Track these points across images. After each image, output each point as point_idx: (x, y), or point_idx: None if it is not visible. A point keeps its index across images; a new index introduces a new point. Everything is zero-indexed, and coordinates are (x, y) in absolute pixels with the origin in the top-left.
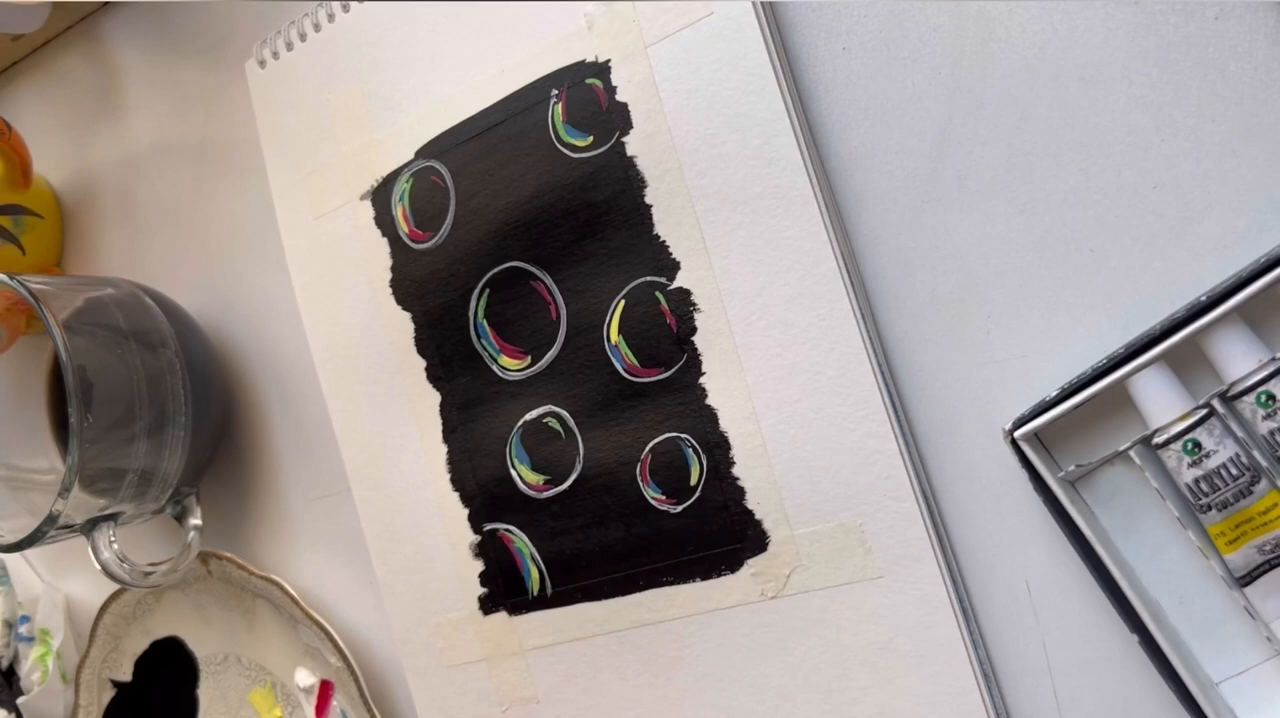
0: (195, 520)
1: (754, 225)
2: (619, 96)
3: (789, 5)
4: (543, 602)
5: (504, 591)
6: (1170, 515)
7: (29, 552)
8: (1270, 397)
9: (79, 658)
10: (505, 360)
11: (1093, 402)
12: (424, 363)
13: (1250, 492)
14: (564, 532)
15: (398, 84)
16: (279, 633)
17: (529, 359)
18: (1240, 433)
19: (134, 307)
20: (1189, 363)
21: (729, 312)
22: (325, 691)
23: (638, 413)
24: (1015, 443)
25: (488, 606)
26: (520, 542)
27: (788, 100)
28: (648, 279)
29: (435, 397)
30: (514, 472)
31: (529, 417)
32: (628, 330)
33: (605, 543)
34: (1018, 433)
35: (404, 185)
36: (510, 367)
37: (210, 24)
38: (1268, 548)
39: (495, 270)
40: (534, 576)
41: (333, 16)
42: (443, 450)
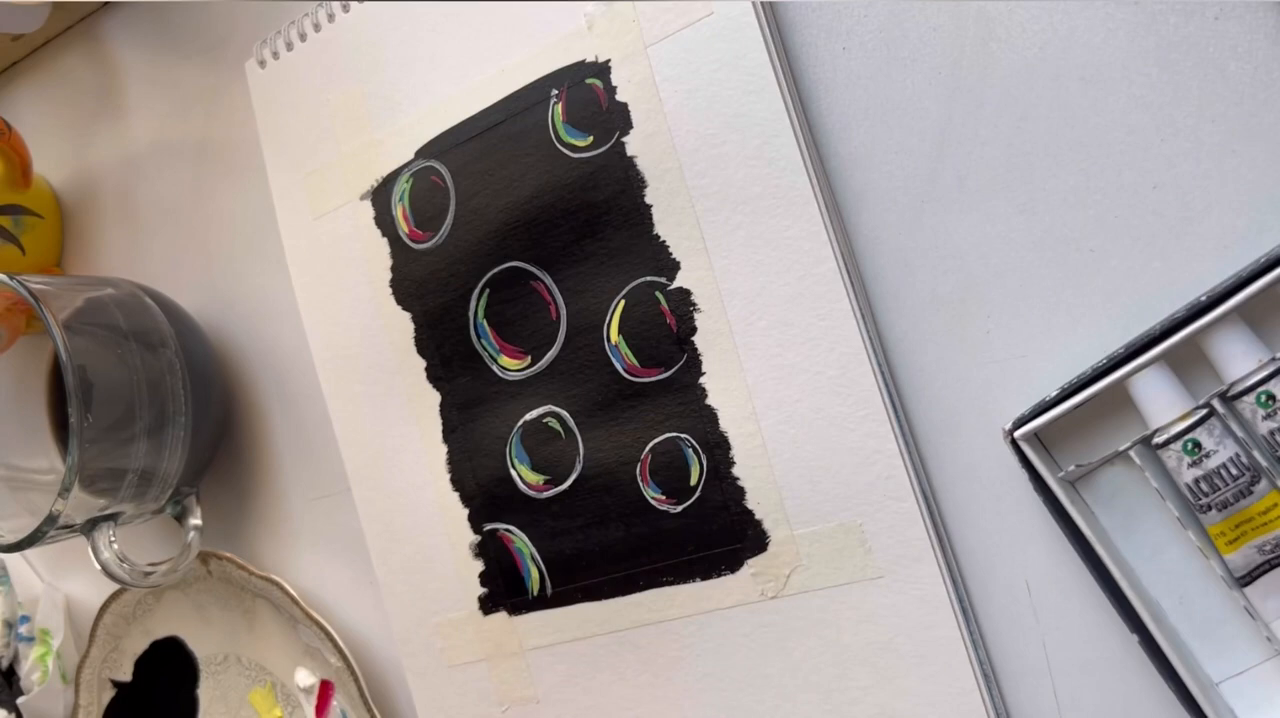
0: (195, 521)
1: (754, 225)
2: (619, 96)
3: (789, 5)
4: (543, 602)
5: (504, 591)
6: (1170, 515)
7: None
8: (1270, 397)
9: (79, 658)
10: (505, 360)
11: (1093, 402)
12: (424, 363)
13: (1250, 492)
14: (564, 532)
15: (398, 84)
16: (279, 633)
17: (529, 359)
18: (1240, 433)
19: (134, 307)
20: (1189, 363)
21: (729, 312)
22: (325, 691)
23: (638, 413)
24: (1015, 443)
25: (488, 606)
26: (520, 542)
27: (788, 100)
28: (648, 279)
29: (435, 397)
30: (514, 472)
31: (529, 417)
32: (628, 330)
33: (605, 543)
34: (1018, 433)
35: (404, 185)
36: (510, 367)
37: (210, 24)
38: (1268, 548)
39: (495, 270)
40: (534, 576)
41: (333, 16)
42: (443, 450)
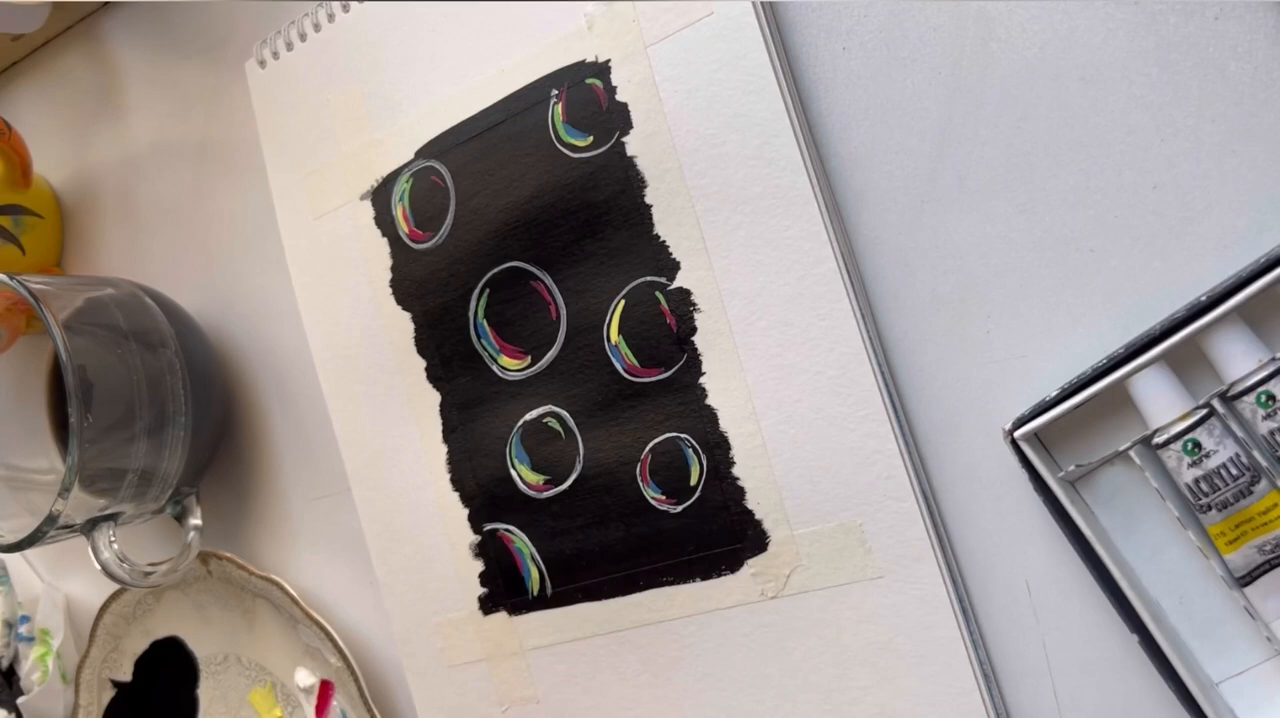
0: (195, 521)
1: (754, 225)
2: (619, 96)
3: (789, 5)
4: (543, 602)
5: (504, 591)
6: (1170, 515)
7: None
8: (1270, 397)
9: (79, 658)
10: (505, 360)
11: (1093, 402)
12: (424, 363)
13: (1250, 492)
14: (564, 532)
15: (398, 84)
16: (279, 633)
17: (529, 359)
18: (1240, 433)
19: (134, 307)
20: (1189, 363)
21: (729, 312)
22: (325, 691)
23: (638, 413)
24: (1015, 443)
25: (488, 606)
26: (520, 542)
27: (788, 100)
28: (648, 279)
29: (435, 397)
30: (514, 472)
31: (529, 417)
32: (628, 330)
33: (605, 543)
34: (1018, 433)
35: (404, 185)
36: (510, 367)
37: (210, 24)
38: (1268, 548)
39: (495, 270)
40: (534, 576)
41: (333, 16)
42: (443, 450)
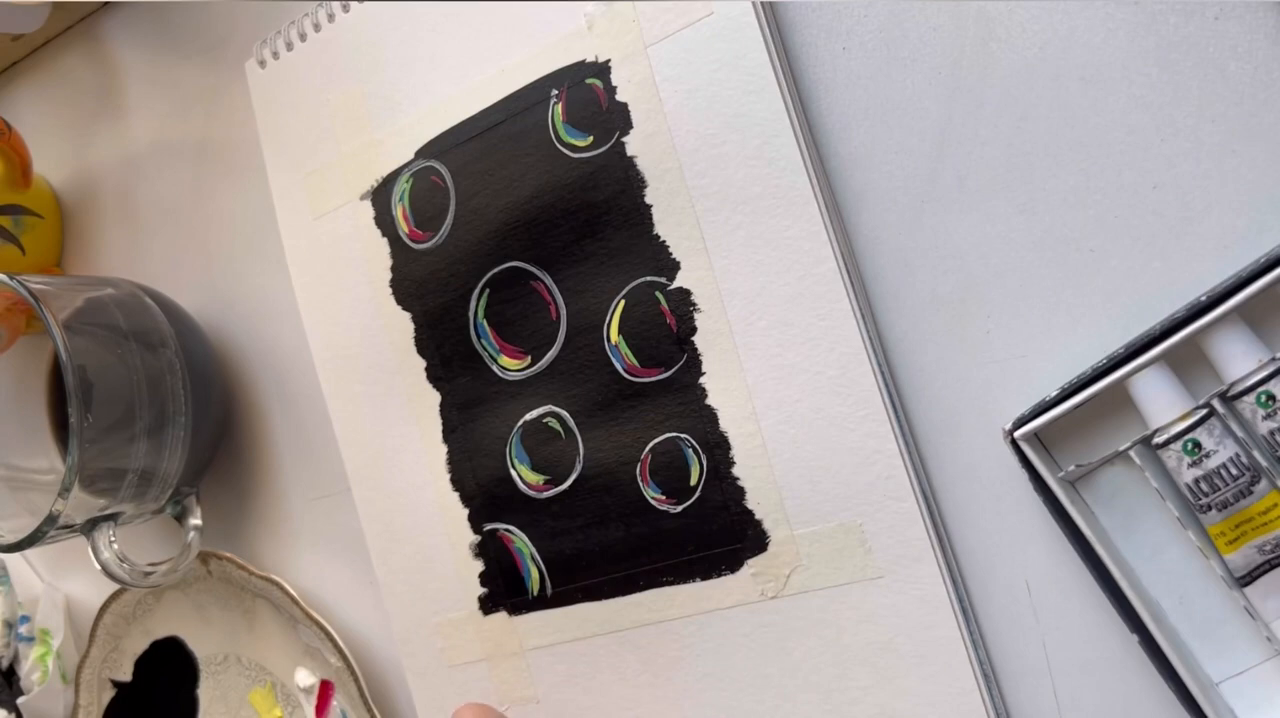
0: (195, 521)
1: (754, 225)
2: (619, 96)
3: (789, 5)
4: (543, 602)
5: (504, 591)
6: (1170, 515)
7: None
8: (1270, 397)
9: (79, 658)
10: (505, 360)
11: (1093, 402)
12: (424, 363)
13: (1250, 492)
14: (564, 532)
15: (398, 84)
16: (279, 633)
17: (529, 359)
18: (1240, 433)
19: (134, 307)
20: (1189, 363)
21: (729, 312)
22: (325, 691)
23: (638, 413)
24: (1015, 443)
25: (488, 606)
26: (520, 542)
27: (788, 100)
28: (648, 279)
29: (435, 397)
30: (514, 472)
31: (529, 417)
32: (628, 330)
33: (605, 543)
34: (1018, 433)
35: (404, 185)
36: (510, 367)
37: (210, 24)
38: (1268, 548)
39: (495, 270)
40: (534, 576)
41: (333, 16)
42: (443, 450)
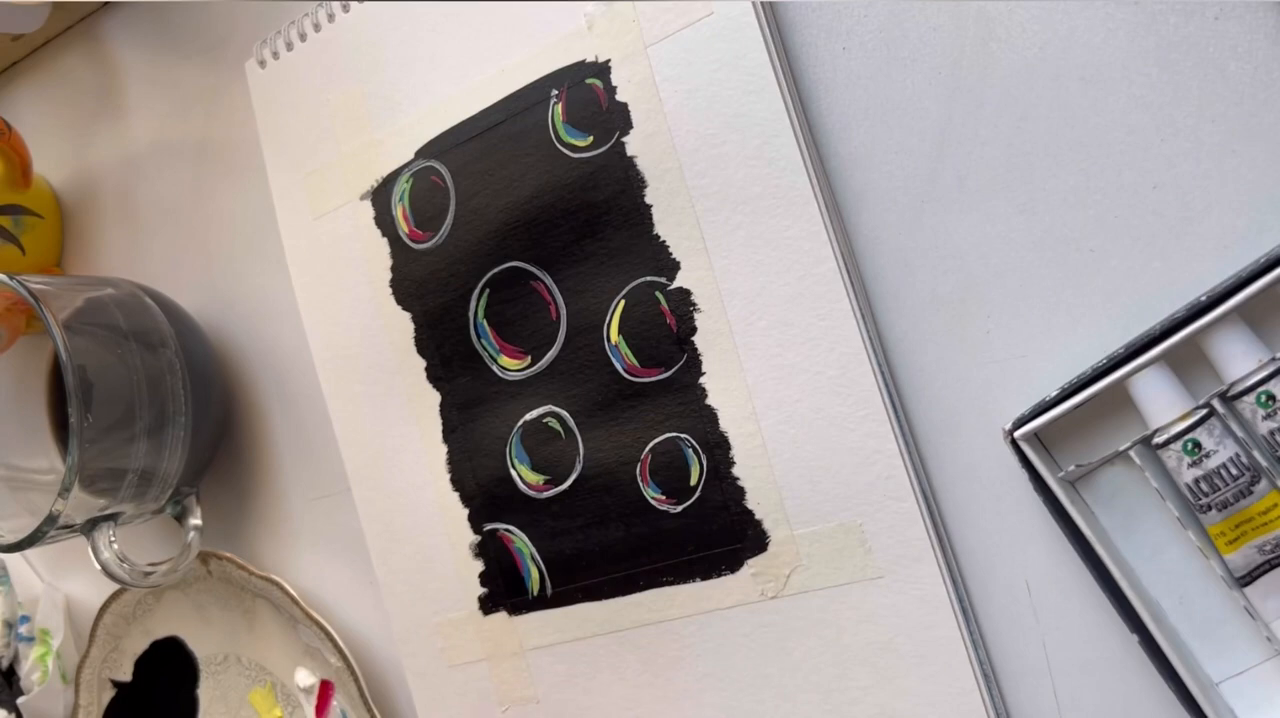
0: (195, 521)
1: (754, 225)
2: (619, 96)
3: (789, 5)
4: (543, 602)
5: (504, 591)
6: (1170, 515)
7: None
8: (1270, 397)
9: (79, 658)
10: (505, 360)
11: (1093, 402)
12: (424, 363)
13: (1250, 492)
14: (564, 532)
15: (398, 84)
16: (279, 633)
17: (529, 359)
18: (1240, 433)
19: (134, 307)
20: (1189, 363)
21: (729, 312)
22: (325, 691)
23: (638, 413)
24: (1015, 443)
25: (488, 606)
26: (520, 542)
27: (788, 100)
28: (648, 279)
29: (435, 397)
30: (514, 472)
31: (529, 417)
32: (628, 330)
33: (605, 543)
34: (1018, 433)
35: (404, 185)
36: (510, 367)
37: (210, 24)
38: (1268, 548)
39: (495, 270)
40: (534, 576)
41: (333, 16)
42: (443, 450)
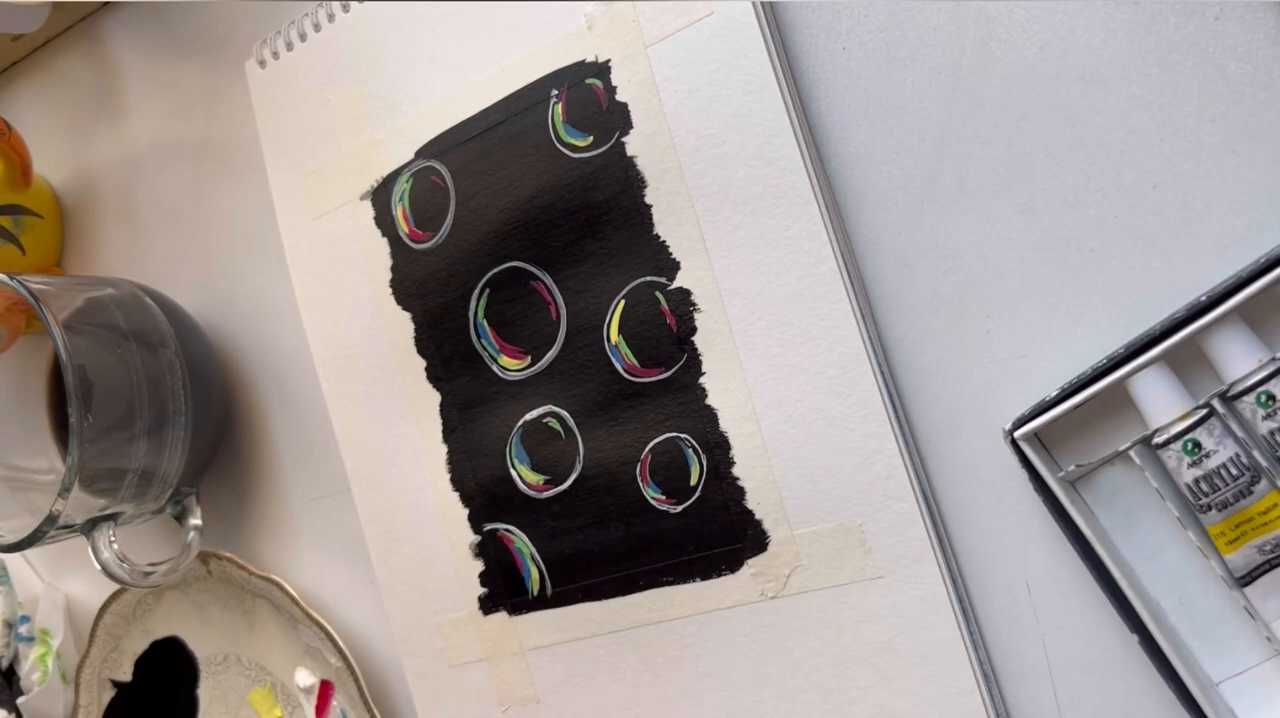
0: (195, 521)
1: (754, 225)
2: (619, 96)
3: (789, 5)
4: (543, 602)
5: (504, 591)
6: (1170, 515)
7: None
8: (1270, 397)
9: (79, 658)
10: (505, 360)
11: (1093, 402)
12: (424, 363)
13: (1250, 492)
14: (564, 532)
15: (398, 84)
16: (279, 633)
17: (529, 359)
18: (1240, 433)
19: (134, 307)
20: (1189, 363)
21: (729, 312)
22: (325, 691)
23: (638, 413)
24: (1015, 443)
25: (488, 606)
26: (520, 542)
27: (788, 100)
28: (648, 279)
29: (435, 397)
30: (514, 472)
31: (529, 417)
32: (628, 330)
33: (605, 543)
34: (1018, 433)
35: (404, 185)
36: (510, 367)
37: (210, 24)
38: (1268, 548)
39: (495, 270)
40: (534, 576)
41: (333, 16)
42: (443, 450)
